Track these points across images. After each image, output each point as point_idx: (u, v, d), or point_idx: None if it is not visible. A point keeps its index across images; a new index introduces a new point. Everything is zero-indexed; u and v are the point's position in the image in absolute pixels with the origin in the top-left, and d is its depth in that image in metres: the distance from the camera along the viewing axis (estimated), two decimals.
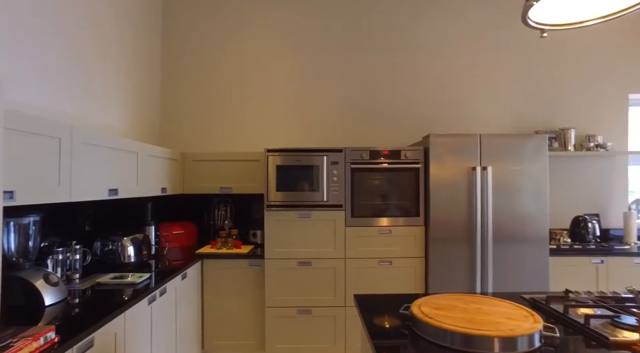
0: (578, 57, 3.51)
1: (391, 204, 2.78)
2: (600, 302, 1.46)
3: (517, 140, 2.72)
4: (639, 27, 3.50)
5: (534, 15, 1.33)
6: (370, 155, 2.78)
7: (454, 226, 2.70)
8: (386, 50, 3.47)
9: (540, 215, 2.71)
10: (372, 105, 3.46)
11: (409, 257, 2.79)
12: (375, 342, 1.19)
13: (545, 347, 1.16)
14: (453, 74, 3.47)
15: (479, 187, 2.68)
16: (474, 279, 2.69)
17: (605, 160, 3.49)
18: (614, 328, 1.24)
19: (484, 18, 3.49)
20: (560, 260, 2.89)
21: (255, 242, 3.23)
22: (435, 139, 2.71)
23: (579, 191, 3.47)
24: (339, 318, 2.77)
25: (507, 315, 1.24)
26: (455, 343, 1.14)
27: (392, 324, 1.35)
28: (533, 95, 3.48)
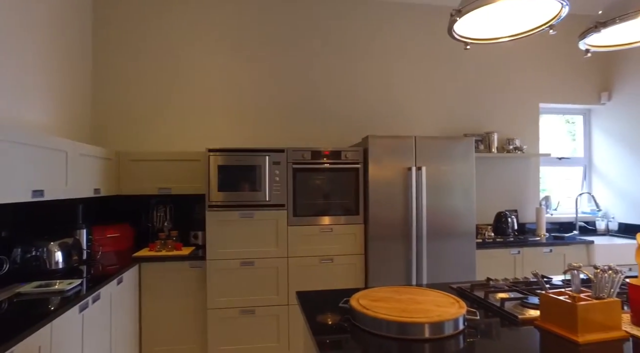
0: (498, 69, 3.86)
1: (332, 203, 2.88)
2: (514, 286, 1.66)
3: (448, 143, 2.94)
4: (547, 44, 3.93)
5: (459, 29, 1.47)
6: (312, 155, 2.85)
7: (391, 223, 2.85)
8: (328, 52, 3.56)
9: (468, 211, 2.95)
10: (313, 107, 3.53)
11: (349, 254, 2.90)
12: (318, 338, 1.25)
13: (468, 329, 1.29)
14: (391, 78, 3.66)
15: (414, 186, 2.86)
16: (410, 273, 2.86)
17: (522, 162, 3.88)
18: (523, 308, 1.42)
19: (418, 29, 3.71)
20: (485, 252, 3.17)
21: (196, 243, 3.16)
22: (374, 140, 2.84)
23: (500, 189, 3.82)
24: (282, 316, 2.80)
25: (437, 303, 1.36)
26: (391, 331, 1.23)
27: (333, 318, 1.41)
28: (462, 102, 3.77)
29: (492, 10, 1.36)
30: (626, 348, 1.14)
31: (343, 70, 3.59)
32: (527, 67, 3.92)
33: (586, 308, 1.17)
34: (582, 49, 1.58)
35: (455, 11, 1.31)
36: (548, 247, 3.28)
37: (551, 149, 4.14)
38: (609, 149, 3.97)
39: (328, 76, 3.56)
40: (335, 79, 3.57)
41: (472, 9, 1.26)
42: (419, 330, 1.21)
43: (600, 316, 1.18)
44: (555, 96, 3.97)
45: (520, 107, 3.90)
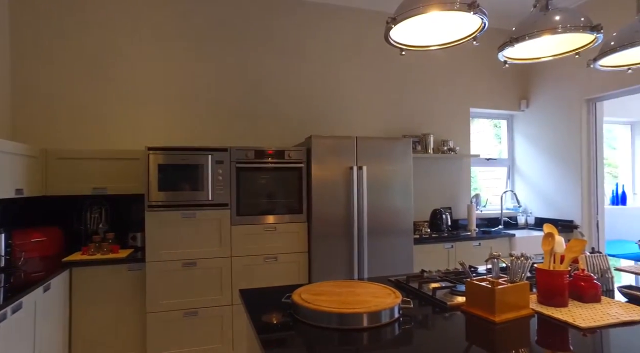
0: (434, 74, 4.11)
1: (276, 202, 2.90)
2: (445, 277, 1.80)
3: (388, 143, 3.08)
4: (477, 54, 4.26)
5: (395, 36, 1.57)
6: (256, 154, 2.86)
7: (334, 221, 2.94)
8: (272, 53, 3.58)
9: (406, 209, 3.12)
10: (258, 106, 3.53)
11: (293, 252, 2.94)
12: (261, 336, 1.26)
13: (403, 317, 1.39)
14: (334, 80, 3.75)
15: (355, 185, 2.97)
16: (352, 268, 2.97)
17: (455, 162, 4.16)
18: (452, 295, 1.55)
19: (360, 32, 3.84)
20: (422, 247, 3.36)
21: (135, 245, 3.03)
22: (317, 140, 2.91)
23: (436, 188, 4.07)
24: (226, 316, 2.78)
25: (374, 295, 1.44)
26: (331, 323, 1.29)
27: (276, 314, 1.45)
28: (401, 104, 3.97)
29: (423, 21, 1.47)
30: (532, 323, 1.30)
31: (287, 71, 3.62)
32: (460, 74, 4.21)
33: (502, 291, 1.31)
34: (501, 60, 1.75)
35: (390, 19, 1.40)
36: (477, 240, 3.55)
37: (481, 150, 4.49)
38: (528, 151, 4.38)
39: (272, 76, 3.58)
40: (279, 79, 3.60)
41: (405, 17, 1.36)
42: (358, 319, 1.28)
43: (513, 297, 1.32)
44: (484, 102, 4.31)
45: (454, 110, 4.18)
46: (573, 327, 1.27)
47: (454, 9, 1.29)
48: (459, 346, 1.15)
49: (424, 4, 1.33)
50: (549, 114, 4.13)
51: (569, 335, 1.22)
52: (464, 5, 1.30)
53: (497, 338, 1.20)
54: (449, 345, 1.16)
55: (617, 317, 1.32)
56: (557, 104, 4.04)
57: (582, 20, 1.47)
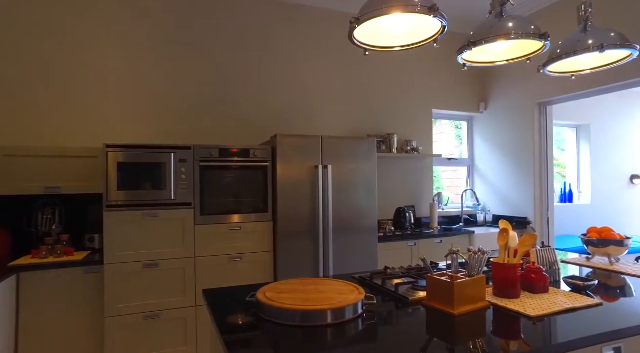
0: (399, 76, 4.20)
1: (241, 201, 2.87)
2: (407, 273, 1.85)
3: (353, 143, 3.12)
4: (439, 56, 4.40)
5: (358, 36, 1.60)
6: (220, 153, 2.81)
7: (299, 220, 2.94)
8: (238, 51, 3.53)
9: (371, 208, 3.17)
10: (223, 105, 3.48)
11: (258, 251, 2.92)
12: (225, 336, 1.25)
13: (367, 312, 1.42)
14: (300, 79, 3.76)
15: (321, 184, 2.98)
16: (317, 266, 2.98)
17: (418, 161, 4.28)
18: (414, 291, 1.59)
19: (325, 32, 3.87)
20: (386, 245, 3.43)
21: (92, 247, 2.90)
22: (282, 139, 2.91)
23: (400, 187, 4.17)
24: (190, 318, 2.72)
25: (339, 292, 1.46)
26: (296, 320, 1.29)
27: (240, 313, 1.43)
28: (366, 104, 4.03)
29: (387, 22, 1.50)
30: (488, 315, 1.37)
31: (252, 70, 3.59)
32: (424, 76, 4.33)
33: (461, 285, 1.36)
34: (460, 63, 1.82)
35: (354, 19, 1.43)
36: (439, 238, 3.67)
37: (444, 150, 4.63)
38: (486, 151, 4.57)
39: (237, 75, 3.53)
40: (244, 77, 3.56)
41: (368, 18, 1.39)
42: (322, 316, 1.30)
43: (471, 291, 1.38)
44: (446, 103, 4.46)
45: (417, 111, 4.29)
46: (524, 316, 1.35)
47: (415, 11, 1.33)
48: (420, 339, 1.19)
49: (386, 6, 1.36)
50: (505, 116, 4.33)
51: (521, 324, 1.29)
52: (425, 9, 1.34)
53: (456, 330, 1.25)
54: (410, 338, 1.20)
55: (562, 305, 1.41)
56: (512, 106, 4.24)
57: (532, 28, 1.55)
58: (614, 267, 2.01)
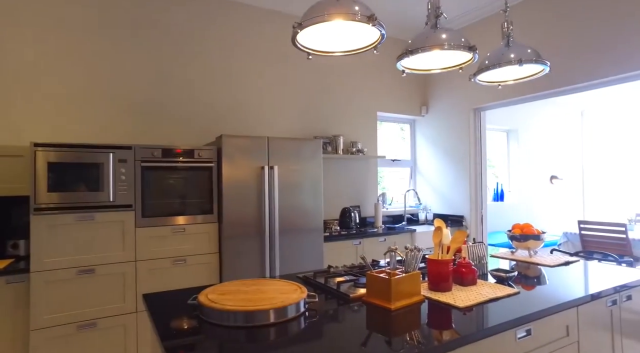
0: (345, 78, 4.31)
1: (185, 203, 2.80)
2: (349, 271, 1.91)
3: (299, 144, 3.16)
4: (383, 61, 4.56)
5: (302, 40, 1.63)
6: (163, 153, 2.73)
7: (245, 221, 2.93)
8: (182, 49, 3.43)
9: (317, 208, 3.22)
10: (167, 103, 3.36)
11: (203, 253, 2.86)
12: (166, 343, 1.22)
13: (309, 310, 1.46)
14: (246, 80, 3.73)
15: (266, 185, 2.99)
16: (263, 267, 2.98)
17: (363, 162, 4.41)
18: (355, 288, 1.66)
19: (272, 33, 3.87)
20: (332, 245, 3.50)
21: (16, 254, 2.68)
22: (228, 139, 2.87)
23: (346, 187, 4.27)
24: (130, 325, 2.60)
25: (281, 291, 1.49)
26: (238, 321, 1.30)
27: (182, 316, 1.41)
28: (312, 105, 4.09)
29: (329, 28, 1.55)
30: (423, 308, 1.46)
31: (197, 68, 3.50)
32: (369, 79, 4.47)
33: (397, 281, 1.44)
34: (400, 69, 1.92)
35: (297, 24, 1.46)
36: (383, 236, 3.81)
37: (388, 152, 4.81)
38: (428, 153, 4.82)
39: (181, 73, 3.44)
40: (189, 76, 3.47)
41: (310, 24, 1.43)
42: (264, 316, 1.31)
43: (407, 286, 1.47)
44: (390, 106, 4.63)
45: (362, 113, 4.42)
46: (454, 307, 1.46)
47: (355, 19, 1.39)
48: (359, 334, 1.24)
49: (328, 13, 1.41)
50: (444, 119, 4.59)
51: (452, 314, 1.40)
52: (364, 17, 1.40)
53: (393, 324, 1.32)
54: (350, 334, 1.25)
55: (487, 295, 1.54)
56: (451, 111, 4.51)
57: (462, 40, 1.68)
58: (533, 259, 2.22)
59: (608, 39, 3.08)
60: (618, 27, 3.01)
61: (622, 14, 2.99)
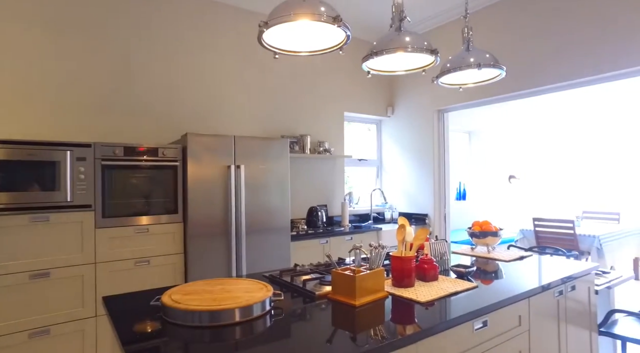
0: (313, 78, 4.33)
1: (148, 202, 2.73)
2: (316, 269, 1.93)
3: (266, 143, 3.14)
4: (350, 61, 4.62)
5: (268, 39, 1.63)
6: (125, 151, 2.64)
7: (211, 221, 2.88)
8: (147, 44, 3.33)
9: (284, 207, 3.23)
10: (130, 100, 3.25)
11: (168, 254, 2.80)
12: (127, 348, 1.19)
13: (275, 309, 1.46)
14: (213, 77, 3.67)
15: (233, 184, 2.96)
16: (230, 267, 2.95)
17: (330, 162, 4.45)
18: (321, 285, 1.68)
19: (240, 31, 3.83)
20: (299, 244, 3.51)
21: None
22: (193, 138, 2.82)
23: (312, 186, 4.29)
24: (89, 331, 2.50)
25: (247, 290, 1.48)
26: (203, 321, 1.29)
27: (145, 318, 1.38)
28: (280, 105, 4.08)
29: (295, 27, 1.56)
30: (387, 303, 1.50)
31: (163, 65, 3.41)
32: (336, 80, 4.51)
33: (361, 278, 1.47)
34: (365, 70, 1.96)
35: (263, 23, 1.46)
36: (349, 235, 3.86)
37: (355, 151, 4.87)
38: (393, 153, 4.92)
39: (145, 69, 3.33)
40: (154, 73, 3.37)
41: (276, 23, 1.43)
42: (230, 315, 1.31)
43: (371, 283, 1.50)
44: (357, 106, 4.70)
45: (330, 114, 4.46)
46: (417, 302, 1.51)
47: (320, 20, 1.41)
48: (325, 331, 1.26)
49: (294, 13, 1.42)
50: (409, 120, 4.71)
51: (415, 309, 1.44)
52: (330, 18, 1.42)
53: (358, 320, 1.35)
54: (316, 331, 1.26)
55: (447, 290, 1.61)
56: (415, 112, 4.63)
57: (425, 44, 1.74)
58: (491, 254, 2.33)
59: (562, 46, 3.27)
60: (570, 36, 3.21)
61: (574, 25, 3.19)
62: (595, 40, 3.05)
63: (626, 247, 5.31)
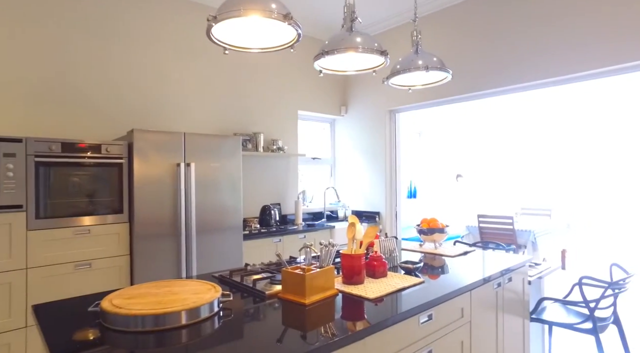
0: (266, 75, 4.28)
1: (90, 202, 2.57)
2: (267, 268, 1.91)
3: (217, 140, 3.07)
4: (304, 60, 4.62)
5: (218, 34, 1.59)
6: (63, 148, 2.47)
7: (159, 220, 2.77)
8: (93, 34, 3.13)
9: (236, 206, 3.17)
10: (69, 93, 3.04)
11: (112, 256, 2.65)
12: None
13: (223, 310, 1.43)
14: (162, 72, 3.52)
15: (183, 183, 2.86)
16: (179, 268, 2.85)
17: (284, 160, 4.43)
18: (271, 285, 1.66)
19: (190, 25, 3.71)
20: (252, 243, 3.47)
21: None
22: (140, 134, 2.69)
23: (266, 185, 4.25)
24: (17, 343, 2.31)
25: (194, 291, 1.44)
26: (147, 325, 1.23)
27: (81, 327, 1.30)
28: (233, 103, 3.99)
29: (246, 23, 1.53)
30: (338, 301, 1.52)
31: (108, 57, 3.22)
32: (290, 78, 4.49)
33: (311, 276, 1.48)
34: (317, 69, 1.96)
35: (212, 17, 1.42)
36: (303, 233, 3.86)
37: (309, 150, 4.88)
38: (347, 152, 4.99)
39: (91, 61, 3.13)
40: (97, 65, 3.17)
41: (225, 18, 1.40)
42: (175, 318, 1.26)
43: (321, 281, 1.51)
44: (311, 105, 4.71)
45: (283, 112, 4.44)
46: (366, 299, 1.53)
47: (271, 17, 1.39)
48: (275, 331, 1.25)
49: (244, 8, 1.39)
50: (362, 120, 4.79)
51: (364, 306, 1.47)
52: (280, 15, 1.41)
53: (308, 318, 1.35)
54: (266, 331, 1.25)
55: (395, 286, 1.65)
56: (368, 112, 4.72)
57: (375, 45, 1.77)
58: (438, 250, 2.43)
59: (506, 52, 3.47)
60: (514, 43, 3.41)
61: (518, 32, 3.39)
62: (538, 47, 3.27)
63: (556, 240, 5.79)
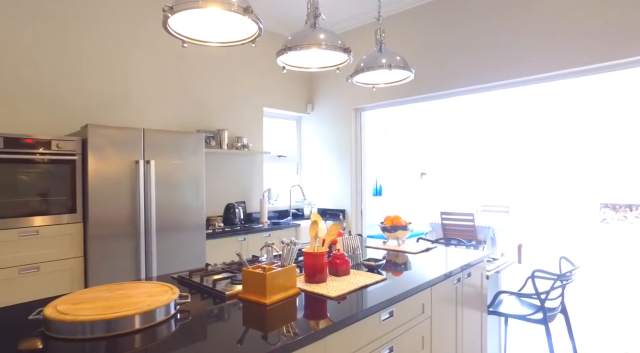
0: (230, 71, 4.19)
1: (38, 201, 2.41)
2: (228, 268, 1.87)
3: (179, 137, 2.97)
4: (268, 56, 4.56)
5: (175, 25, 1.52)
6: (6, 143, 2.30)
7: (116, 220, 2.65)
8: (45, 22, 2.93)
9: (198, 205, 3.08)
10: (14, 83, 2.84)
11: (63, 258, 2.51)
12: None
13: (181, 312, 1.38)
14: (121, 65, 3.36)
15: (142, 181, 2.75)
16: (138, 269, 2.74)
17: (249, 158, 4.36)
18: (232, 285, 1.62)
19: (151, 18, 3.56)
20: (215, 242, 3.39)
21: None
22: (95, 130, 2.56)
23: (230, 183, 4.17)
24: None
25: (149, 294, 1.37)
26: (96, 332, 1.16)
27: (20, 337, 1.21)
28: (196, 99, 3.88)
29: (204, 16, 1.48)
30: (300, 300, 1.50)
31: (61, 46, 3.03)
32: (254, 74, 4.42)
33: (272, 276, 1.45)
34: (280, 65, 1.93)
35: (168, 7, 1.36)
36: (268, 232, 3.82)
37: (275, 147, 4.83)
38: (313, 149, 4.98)
39: (39, 49, 2.93)
40: (49, 53, 2.98)
41: (182, 9, 1.34)
42: (128, 323, 1.20)
43: (282, 280, 1.49)
44: (276, 102, 4.66)
45: (248, 108, 4.36)
46: (328, 297, 1.53)
47: (230, 9, 1.35)
48: (235, 332, 1.22)
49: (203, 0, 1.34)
50: (328, 118, 4.80)
51: (327, 304, 1.46)
52: (240, 9, 1.37)
53: (269, 318, 1.33)
54: (225, 332, 1.21)
55: (358, 284, 1.66)
56: (334, 110, 4.73)
57: (339, 42, 1.76)
58: (401, 247, 2.46)
59: (466, 53, 3.56)
60: (474, 46, 3.51)
61: (474, 38, 3.49)
62: (497, 51, 3.38)
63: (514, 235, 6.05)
